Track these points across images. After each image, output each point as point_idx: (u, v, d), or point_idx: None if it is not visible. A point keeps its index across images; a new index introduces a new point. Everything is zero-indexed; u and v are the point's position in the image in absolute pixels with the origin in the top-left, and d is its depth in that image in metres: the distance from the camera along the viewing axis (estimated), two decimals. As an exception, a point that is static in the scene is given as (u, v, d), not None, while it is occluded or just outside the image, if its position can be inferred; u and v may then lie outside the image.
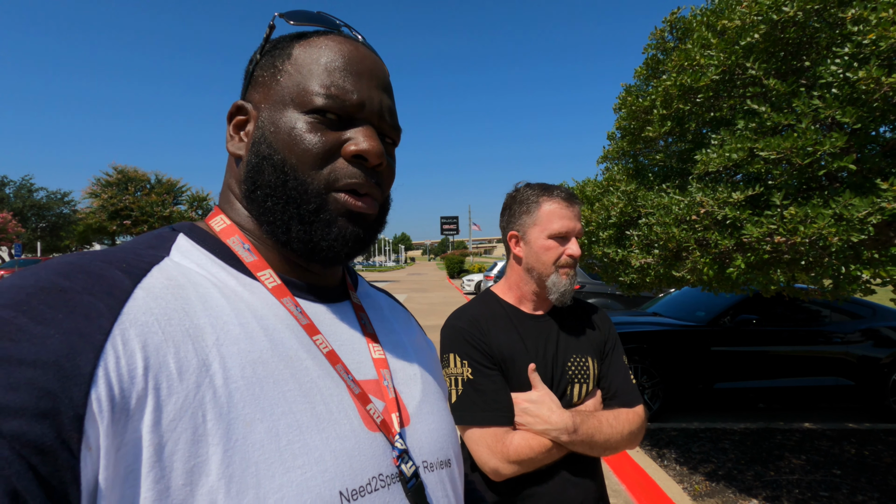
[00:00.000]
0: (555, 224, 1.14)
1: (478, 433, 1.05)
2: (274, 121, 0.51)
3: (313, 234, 0.50)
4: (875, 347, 4.86)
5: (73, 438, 0.33)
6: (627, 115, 2.96)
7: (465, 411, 1.07)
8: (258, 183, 0.51)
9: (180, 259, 0.47)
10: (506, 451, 1.03)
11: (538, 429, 1.04)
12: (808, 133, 1.85)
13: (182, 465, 0.36)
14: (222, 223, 0.54)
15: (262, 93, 0.53)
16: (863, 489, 3.18)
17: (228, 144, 0.55)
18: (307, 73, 0.51)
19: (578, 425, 1.04)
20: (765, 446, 3.92)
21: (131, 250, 0.45)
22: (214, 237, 0.52)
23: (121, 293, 0.39)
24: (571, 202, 1.17)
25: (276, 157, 0.50)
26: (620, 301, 9.09)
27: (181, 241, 0.50)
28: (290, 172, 0.49)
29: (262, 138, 0.51)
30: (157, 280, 0.42)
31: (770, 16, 2.03)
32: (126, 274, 0.41)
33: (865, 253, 1.90)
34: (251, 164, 0.51)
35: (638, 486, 3.33)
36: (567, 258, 1.14)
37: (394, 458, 0.50)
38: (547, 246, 1.15)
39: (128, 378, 0.36)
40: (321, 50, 0.52)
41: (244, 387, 0.41)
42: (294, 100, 0.50)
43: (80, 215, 27.05)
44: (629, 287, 3.05)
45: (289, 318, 0.49)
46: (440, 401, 0.63)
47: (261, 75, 0.54)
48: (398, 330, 0.66)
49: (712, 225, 2.26)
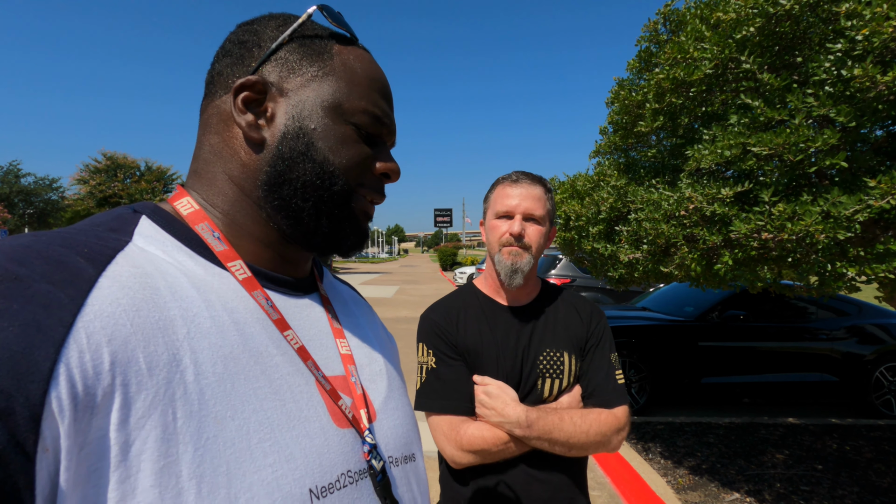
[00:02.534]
0: (498, 204, 1.17)
1: (436, 420, 1.10)
2: (315, 119, 0.50)
3: (339, 231, 0.53)
4: (859, 344, 4.92)
5: (29, 440, 0.30)
6: (620, 110, 2.94)
7: (425, 398, 1.12)
8: (288, 177, 0.50)
9: (144, 245, 0.44)
10: (460, 439, 1.05)
11: (493, 421, 1.06)
12: (801, 129, 1.83)
13: (151, 464, 0.34)
14: (189, 207, 0.50)
15: (291, 79, 0.51)
16: (843, 484, 3.22)
17: (242, 122, 0.50)
18: (355, 84, 0.53)
19: (534, 421, 1.02)
20: (749, 441, 3.96)
21: (91, 233, 0.42)
22: (181, 222, 0.49)
23: (83, 282, 0.36)
24: (518, 181, 1.17)
25: (316, 156, 0.50)
26: (610, 295, 9.14)
27: (144, 224, 0.46)
28: (329, 174, 0.51)
29: (299, 133, 0.50)
30: (123, 268, 0.39)
31: (766, 9, 2.00)
32: (88, 261, 0.38)
33: (851, 250, 1.90)
34: (282, 156, 0.49)
35: (622, 480, 3.35)
36: (507, 236, 1.14)
37: (364, 453, 0.50)
38: (494, 225, 1.18)
39: (93, 374, 0.33)
40: (365, 65, 0.54)
41: (215, 383, 0.40)
42: (339, 105, 0.51)
43: (68, 202, 26.71)
44: (618, 282, 3.05)
45: (258, 312, 0.47)
46: (403, 396, 0.63)
47: (291, 59, 0.51)
48: (363, 324, 0.65)
49: (701, 221, 2.25)
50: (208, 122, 0.52)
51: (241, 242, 0.51)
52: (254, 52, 0.51)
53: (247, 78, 0.49)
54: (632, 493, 3.17)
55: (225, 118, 0.51)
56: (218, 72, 0.52)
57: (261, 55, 0.51)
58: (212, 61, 0.54)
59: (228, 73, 0.51)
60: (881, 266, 1.84)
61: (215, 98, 0.52)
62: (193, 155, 0.54)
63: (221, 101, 0.51)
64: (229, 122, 0.51)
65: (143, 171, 26.14)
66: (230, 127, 0.51)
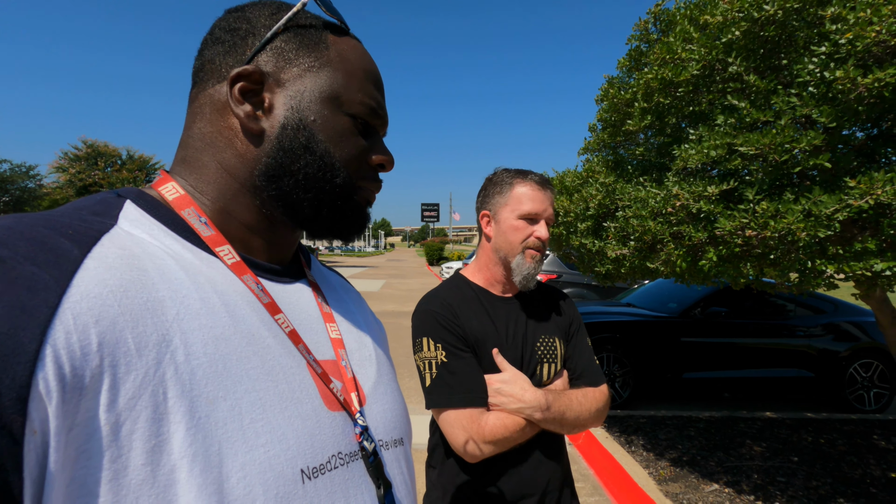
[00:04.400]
0: (525, 205, 1.16)
1: (453, 415, 1.06)
2: (314, 111, 0.51)
3: (339, 221, 0.54)
4: (835, 341, 5.07)
5: (16, 422, 0.30)
6: (609, 108, 2.97)
7: (440, 394, 1.07)
8: (290, 169, 0.50)
9: (130, 228, 0.44)
10: (482, 431, 1.03)
11: (512, 408, 1.05)
12: (786, 130, 1.88)
13: (142, 444, 0.35)
14: (175, 192, 0.50)
15: (287, 70, 0.50)
16: (817, 475, 3.33)
17: (241, 113, 0.49)
18: (351, 75, 0.53)
19: (551, 403, 1.06)
20: (728, 434, 4.07)
21: (75, 216, 0.41)
22: (166, 207, 0.48)
23: (69, 263, 0.36)
24: (544, 186, 1.18)
25: (317, 149, 0.50)
26: (596, 291, 9.25)
27: (129, 208, 0.46)
28: (331, 167, 0.51)
29: (299, 125, 0.50)
30: (109, 249, 0.39)
31: (751, 13, 2.04)
32: (73, 242, 0.37)
33: (831, 248, 1.96)
34: (283, 148, 0.50)
35: (605, 471, 3.42)
36: (534, 240, 1.15)
37: (356, 435, 0.51)
38: (516, 226, 1.16)
39: (80, 355, 0.33)
40: (359, 55, 0.55)
41: (207, 364, 0.40)
42: (337, 97, 0.52)
43: (47, 190, 25.99)
44: (604, 277, 3.09)
45: (249, 296, 0.47)
46: (392, 381, 0.64)
47: (287, 49, 0.51)
48: (353, 310, 0.65)
49: (687, 218, 2.29)
50: (199, 111, 0.51)
51: (229, 229, 0.51)
52: (248, 40, 0.50)
53: (244, 68, 0.49)
54: (615, 484, 3.24)
55: (219, 108, 0.50)
56: (209, 59, 0.51)
57: (255, 44, 0.50)
58: (199, 48, 0.53)
59: (221, 61, 0.50)
60: (858, 264, 1.90)
61: (207, 87, 0.51)
62: (181, 143, 0.53)
63: (214, 90, 0.50)
64: (224, 112, 0.50)
65: (124, 159, 25.56)
66: (225, 117, 0.50)
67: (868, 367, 5.04)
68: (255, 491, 0.39)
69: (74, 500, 0.32)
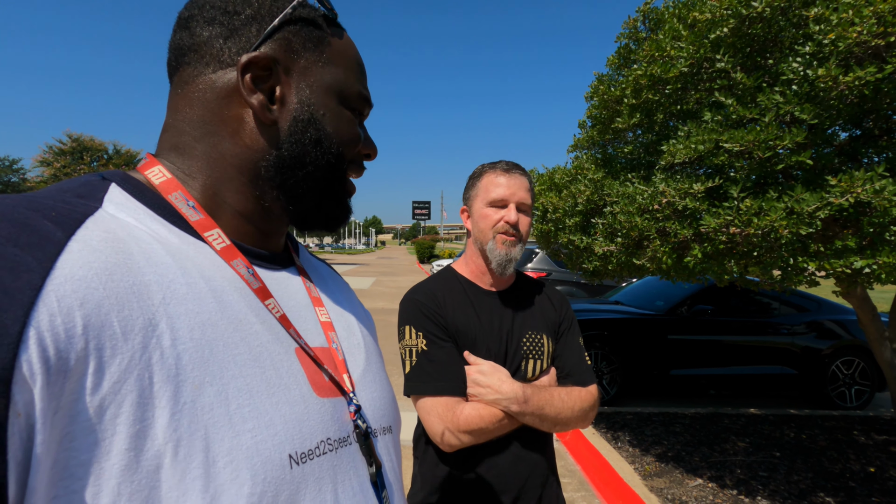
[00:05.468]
0: (492, 192, 1.17)
1: (430, 403, 1.07)
2: (323, 105, 0.52)
3: (337, 210, 0.56)
4: (817, 339, 5.15)
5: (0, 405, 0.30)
6: (599, 104, 2.99)
7: (417, 381, 1.08)
8: (302, 162, 0.51)
9: (115, 211, 0.43)
10: (457, 420, 1.04)
11: (489, 399, 1.05)
12: (770, 127, 1.91)
13: (126, 428, 0.34)
14: (162, 175, 0.48)
15: (295, 61, 0.50)
16: (798, 470, 3.38)
17: (254, 102, 0.48)
18: (349, 69, 0.54)
19: (529, 396, 1.06)
20: (712, 430, 4.12)
21: (59, 198, 0.40)
22: (152, 190, 0.47)
23: (52, 245, 0.35)
24: (510, 171, 1.18)
25: (327, 143, 0.52)
26: (585, 289, 9.31)
27: (114, 191, 0.45)
28: (338, 159, 0.53)
29: (310, 118, 0.51)
30: (94, 232, 0.38)
31: (739, 10, 2.07)
32: (57, 224, 0.37)
33: (812, 246, 1.99)
34: (295, 141, 0.50)
35: (592, 467, 3.45)
36: (503, 224, 1.15)
37: (351, 413, 0.51)
38: (485, 213, 1.18)
39: (65, 338, 0.33)
40: (351, 48, 0.56)
41: (193, 349, 0.40)
42: (341, 90, 0.53)
43: (30, 184, 25.56)
44: (592, 274, 3.11)
45: (237, 281, 0.47)
46: (381, 370, 0.64)
47: (294, 40, 0.50)
48: (341, 299, 0.65)
49: (673, 215, 2.32)
50: (196, 97, 0.49)
51: (220, 214, 0.50)
52: (251, 26, 0.48)
53: (255, 55, 0.47)
54: (601, 479, 3.27)
55: (224, 94, 0.48)
56: (204, 41, 0.48)
57: (260, 31, 0.48)
58: (184, 24, 0.50)
59: (222, 45, 0.48)
60: (839, 261, 1.93)
61: (206, 71, 0.49)
62: (168, 126, 0.51)
63: (217, 75, 0.48)
64: (231, 100, 0.48)
65: (111, 154, 25.17)
66: (232, 105, 0.48)
67: (850, 365, 5.13)
68: (242, 476, 0.39)
69: (57, 482, 0.32)
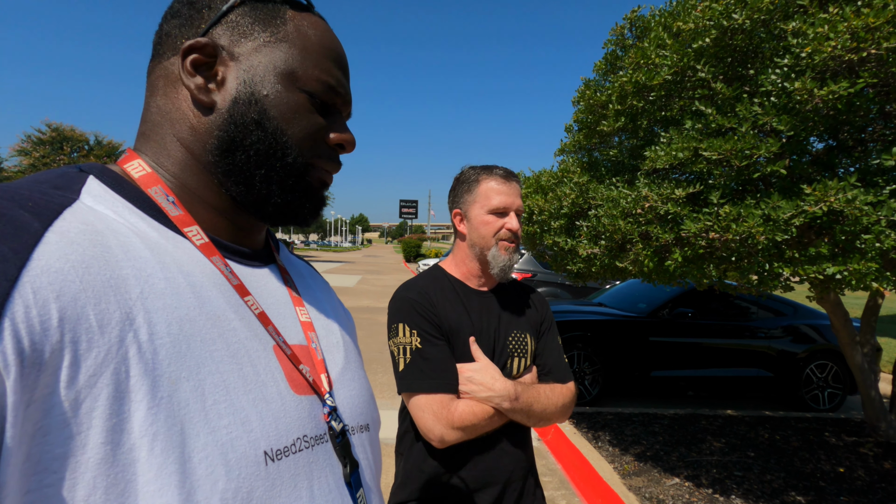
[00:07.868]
0: (493, 200, 1.20)
1: (424, 400, 1.08)
2: (268, 86, 0.50)
3: (291, 201, 0.53)
4: (793, 343, 5.29)
5: None
6: (585, 109, 3.04)
7: (412, 379, 1.10)
8: (241, 143, 0.49)
9: (93, 204, 0.42)
10: (451, 417, 1.06)
11: (482, 396, 1.08)
12: (747, 137, 1.96)
13: (102, 422, 0.34)
14: (141, 169, 0.49)
15: (242, 43, 0.50)
16: (772, 469, 3.48)
17: (191, 85, 0.48)
18: (309, 51, 0.52)
19: (519, 394, 1.10)
20: (690, 430, 4.20)
21: (35, 188, 0.40)
22: (132, 184, 0.47)
23: (29, 236, 0.34)
24: (509, 179, 1.22)
25: (268, 125, 0.50)
26: (569, 291, 9.40)
27: (92, 183, 0.44)
28: (282, 145, 0.51)
29: (251, 99, 0.49)
30: (72, 224, 0.38)
31: (721, 21, 2.12)
32: (34, 215, 0.36)
33: (787, 252, 2.06)
34: (234, 122, 0.49)
35: (572, 466, 3.50)
36: (506, 231, 1.19)
37: (324, 415, 0.51)
38: (486, 221, 1.20)
39: (40, 330, 0.32)
40: (319, 32, 0.54)
41: (170, 344, 0.40)
42: (292, 72, 0.51)
43: (7, 174, 24.87)
44: (576, 276, 3.16)
45: (217, 277, 0.47)
46: (359, 368, 0.64)
47: (243, 23, 0.50)
48: (321, 298, 0.65)
49: (655, 219, 2.37)
50: (155, 84, 0.51)
51: (196, 209, 0.50)
52: (203, 13, 0.50)
53: (196, 40, 0.48)
54: (581, 478, 3.32)
55: (173, 80, 0.50)
56: (166, 33, 0.51)
57: (211, 17, 0.50)
58: (160, 22, 0.52)
59: (177, 34, 0.50)
60: (812, 267, 2.00)
61: (163, 60, 0.50)
62: (142, 117, 0.52)
63: (169, 62, 0.50)
64: (177, 84, 0.50)
65: (92, 145, 24.61)
66: (178, 89, 0.50)
67: (823, 368, 5.28)
68: (217, 471, 0.39)
69: (30, 476, 0.32)
